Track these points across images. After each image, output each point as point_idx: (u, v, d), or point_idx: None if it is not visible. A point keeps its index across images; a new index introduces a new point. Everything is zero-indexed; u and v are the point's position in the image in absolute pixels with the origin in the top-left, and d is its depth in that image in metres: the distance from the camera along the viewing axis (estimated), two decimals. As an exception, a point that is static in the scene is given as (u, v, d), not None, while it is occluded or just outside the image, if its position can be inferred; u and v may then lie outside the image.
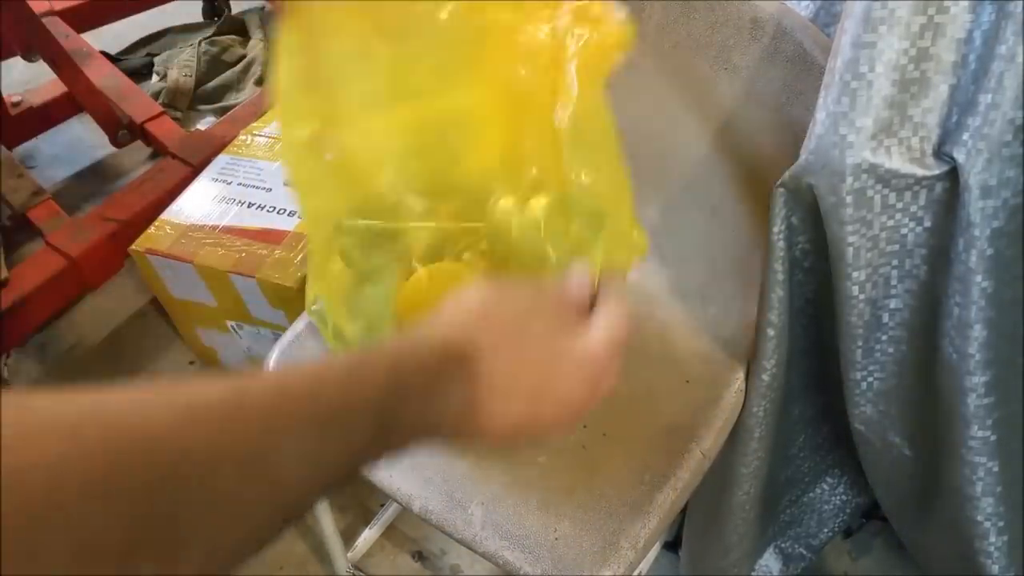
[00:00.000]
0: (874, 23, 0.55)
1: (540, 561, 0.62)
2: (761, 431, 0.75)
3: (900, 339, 0.70)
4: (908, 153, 0.59)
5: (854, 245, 0.63)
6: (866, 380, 0.73)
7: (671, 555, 1.04)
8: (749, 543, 0.89)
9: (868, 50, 0.55)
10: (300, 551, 1.11)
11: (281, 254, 1.06)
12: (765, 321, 0.69)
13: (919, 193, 0.61)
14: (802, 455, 0.90)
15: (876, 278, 0.66)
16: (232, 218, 1.12)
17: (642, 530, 0.63)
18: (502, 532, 0.63)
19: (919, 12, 0.54)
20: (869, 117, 0.57)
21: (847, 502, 0.97)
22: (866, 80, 0.56)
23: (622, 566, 0.61)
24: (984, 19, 0.54)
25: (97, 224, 1.29)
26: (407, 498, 0.66)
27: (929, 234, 0.63)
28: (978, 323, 0.62)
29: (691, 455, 0.68)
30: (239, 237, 1.09)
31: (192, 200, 1.16)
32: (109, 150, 1.65)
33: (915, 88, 0.57)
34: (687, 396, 0.71)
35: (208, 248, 1.08)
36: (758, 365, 0.72)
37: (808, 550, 1.00)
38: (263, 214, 1.11)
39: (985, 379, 0.65)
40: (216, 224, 1.11)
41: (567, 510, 0.64)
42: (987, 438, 0.68)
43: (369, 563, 1.09)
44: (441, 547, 1.10)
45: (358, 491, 1.14)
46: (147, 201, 1.31)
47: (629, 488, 0.64)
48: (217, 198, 1.15)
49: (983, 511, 0.72)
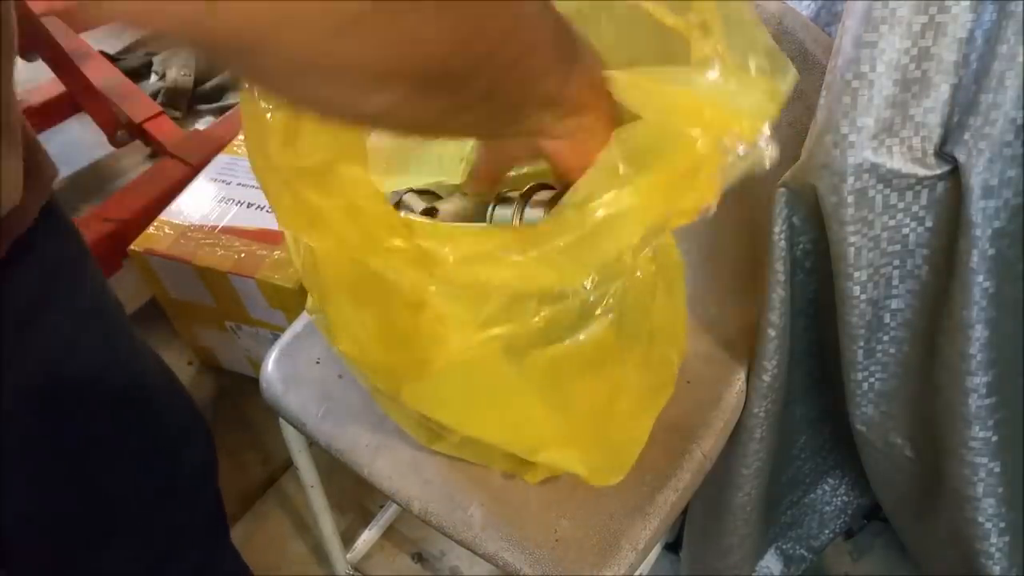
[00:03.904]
0: (875, 22, 0.54)
1: (540, 562, 0.61)
2: (762, 432, 0.75)
3: (901, 339, 0.70)
4: (909, 153, 0.59)
5: (855, 245, 0.63)
6: (867, 381, 0.73)
7: (672, 556, 1.04)
8: (750, 544, 0.89)
9: (869, 49, 0.55)
10: (300, 552, 1.11)
11: (280, 255, 1.05)
12: (766, 321, 0.69)
13: (920, 193, 0.61)
14: (803, 456, 0.90)
15: (877, 278, 0.66)
16: (231, 218, 1.12)
17: (643, 531, 0.63)
18: (502, 533, 0.63)
19: (920, 11, 0.54)
20: (870, 117, 0.57)
21: (848, 503, 0.97)
22: (867, 79, 0.56)
23: (622, 567, 0.61)
24: (985, 18, 0.54)
25: (96, 224, 1.28)
26: (407, 499, 0.66)
27: (931, 234, 0.63)
28: (979, 323, 0.62)
29: (692, 456, 0.67)
30: (238, 237, 1.09)
31: (191, 200, 1.16)
32: (108, 150, 1.65)
33: (916, 88, 0.57)
34: (688, 397, 0.71)
35: (207, 248, 1.08)
36: (759, 366, 0.71)
37: (809, 551, 0.99)
38: (262, 214, 1.11)
39: (987, 379, 0.65)
40: (215, 224, 1.11)
41: (567, 510, 0.64)
42: (988, 439, 0.68)
43: (368, 564, 1.09)
44: (441, 548, 1.10)
45: (358, 492, 1.14)
46: (146, 201, 1.31)
47: (630, 489, 0.64)
48: (216, 198, 1.15)
49: (984, 512, 0.72)
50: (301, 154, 0.40)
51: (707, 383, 0.73)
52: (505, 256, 0.39)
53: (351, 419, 0.70)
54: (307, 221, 0.41)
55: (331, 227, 0.40)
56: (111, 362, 0.56)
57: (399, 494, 0.66)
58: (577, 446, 0.57)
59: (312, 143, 0.40)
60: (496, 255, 0.39)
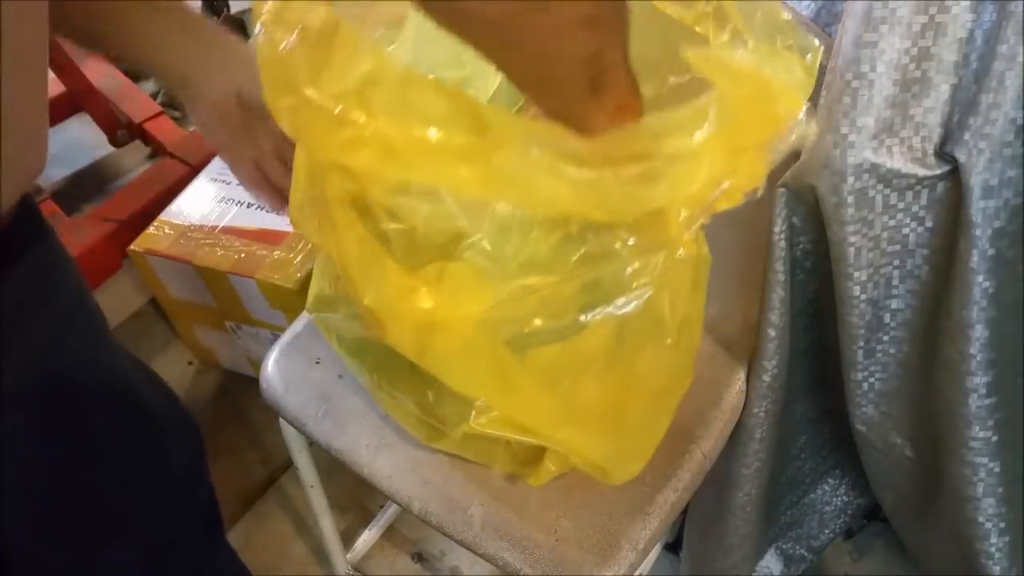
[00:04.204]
0: (875, 22, 0.54)
1: (540, 562, 0.61)
2: (762, 432, 0.75)
3: (901, 339, 0.70)
4: (909, 153, 0.59)
5: (855, 245, 0.63)
6: (867, 381, 0.73)
7: (672, 556, 1.04)
8: (750, 544, 0.89)
9: (869, 49, 0.55)
10: (299, 552, 1.11)
11: (280, 255, 1.05)
12: (766, 322, 0.69)
13: (920, 193, 0.61)
14: (803, 456, 0.90)
15: (877, 278, 0.66)
16: (231, 218, 1.12)
17: (643, 531, 0.63)
18: (502, 533, 0.63)
19: (920, 11, 0.54)
20: (870, 117, 0.57)
21: (848, 503, 0.97)
22: (867, 79, 0.56)
23: (622, 567, 0.61)
24: (985, 18, 0.54)
25: (96, 224, 1.28)
26: (407, 499, 0.66)
27: (931, 234, 0.63)
28: (979, 323, 0.62)
29: (692, 456, 0.67)
30: (238, 237, 1.09)
31: (191, 200, 1.15)
32: (108, 150, 1.65)
33: (916, 88, 0.57)
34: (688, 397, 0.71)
35: (207, 248, 1.08)
36: (759, 366, 0.71)
37: (809, 551, 0.99)
38: (262, 214, 1.11)
39: (986, 379, 0.65)
40: (215, 224, 1.11)
41: (567, 510, 0.64)
42: (988, 439, 0.68)
43: (368, 564, 1.08)
44: (441, 548, 1.10)
45: (358, 492, 1.14)
46: (146, 201, 1.31)
47: (630, 489, 0.64)
48: (216, 198, 1.15)
49: (984, 512, 0.72)
50: (339, 78, 0.39)
51: (707, 383, 0.73)
52: (565, 167, 0.38)
53: (351, 419, 0.70)
54: (349, 141, 0.39)
55: (376, 139, 0.39)
56: (96, 359, 0.56)
57: (399, 494, 0.66)
58: (595, 430, 0.56)
59: (347, 65, 0.39)
60: (556, 163, 0.38)
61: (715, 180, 0.40)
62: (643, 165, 0.37)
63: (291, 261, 1.04)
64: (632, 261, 0.47)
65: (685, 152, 0.37)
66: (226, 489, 1.14)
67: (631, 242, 0.46)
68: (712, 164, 0.39)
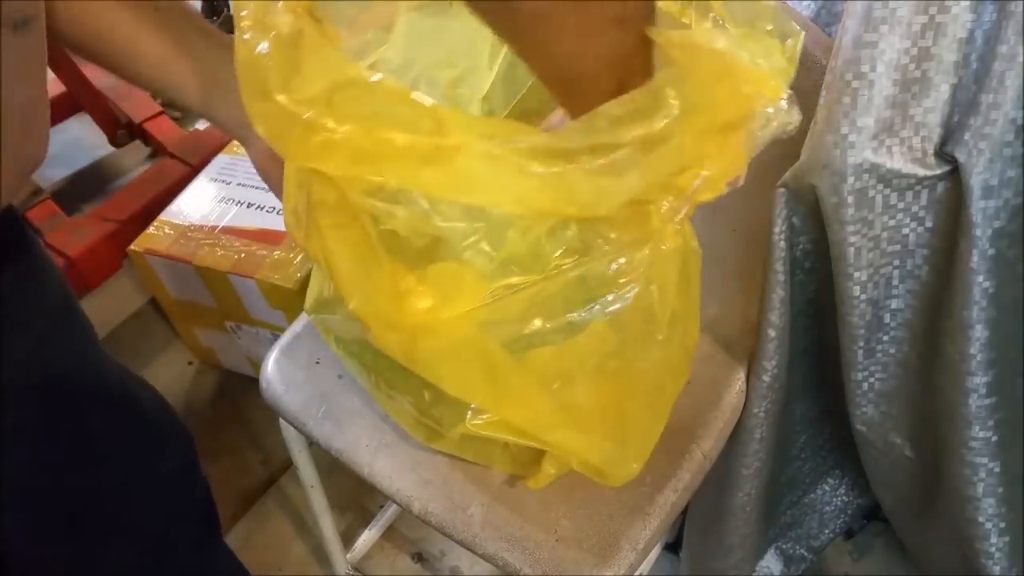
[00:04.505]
0: (875, 22, 0.54)
1: (540, 562, 0.61)
2: (762, 432, 0.75)
3: (901, 339, 0.70)
4: (909, 153, 0.59)
5: (855, 245, 0.63)
6: (867, 381, 0.73)
7: (672, 556, 1.04)
8: (750, 544, 0.89)
9: (869, 50, 0.55)
10: (299, 552, 1.11)
11: (280, 255, 1.05)
12: (766, 322, 0.69)
13: (920, 193, 0.61)
14: (803, 456, 0.90)
15: (877, 278, 0.66)
16: (231, 218, 1.12)
17: (642, 531, 0.63)
18: (502, 533, 0.63)
19: (920, 11, 0.54)
20: (870, 117, 0.57)
21: (848, 503, 0.97)
22: (867, 80, 0.56)
23: (622, 567, 0.61)
24: (985, 18, 0.54)
25: (96, 224, 1.28)
26: (407, 499, 0.66)
27: (931, 234, 0.63)
28: (979, 323, 0.62)
29: (692, 456, 0.67)
30: (238, 237, 1.09)
31: (191, 200, 1.16)
32: (108, 150, 1.65)
33: (916, 88, 0.57)
34: (687, 397, 0.71)
35: (207, 248, 1.08)
36: (759, 366, 0.71)
37: (809, 551, 0.99)
38: (262, 214, 1.11)
39: (986, 380, 0.65)
40: (215, 224, 1.11)
41: (567, 510, 0.64)
42: (988, 439, 0.68)
43: (368, 564, 1.08)
44: (441, 548, 1.10)
45: (358, 492, 1.14)
46: (146, 201, 1.31)
47: (629, 489, 0.64)
48: (216, 198, 1.15)
49: (984, 512, 0.72)
50: (308, 83, 0.39)
51: (707, 383, 0.73)
52: (528, 164, 0.37)
53: (351, 419, 0.70)
54: (320, 146, 0.39)
55: (345, 144, 0.38)
56: (84, 362, 0.56)
57: (399, 494, 0.66)
58: (591, 431, 0.56)
59: (314, 72, 0.39)
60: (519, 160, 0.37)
61: (687, 166, 0.39)
62: (608, 156, 0.37)
63: (291, 261, 1.04)
64: (616, 256, 0.47)
65: (650, 137, 0.37)
66: (226, 489, 1.14)
67: (612, 236, 0.45)
68: (681, 148, 0.38)
